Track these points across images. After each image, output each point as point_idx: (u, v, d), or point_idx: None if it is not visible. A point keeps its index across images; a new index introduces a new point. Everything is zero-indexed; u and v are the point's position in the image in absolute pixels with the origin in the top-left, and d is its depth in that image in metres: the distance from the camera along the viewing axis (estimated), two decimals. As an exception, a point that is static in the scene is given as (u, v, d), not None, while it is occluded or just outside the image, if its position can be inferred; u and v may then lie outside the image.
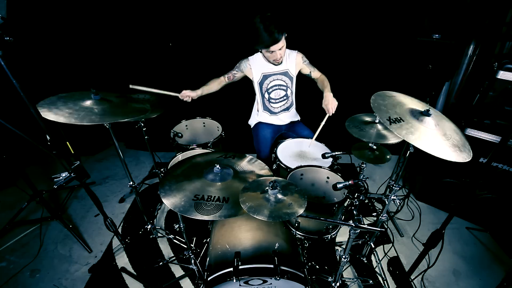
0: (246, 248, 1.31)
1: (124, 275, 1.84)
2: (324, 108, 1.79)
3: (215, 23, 2.50)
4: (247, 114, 2.33)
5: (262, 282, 1.24)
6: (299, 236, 1.50)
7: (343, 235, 2.11)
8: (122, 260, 1.95)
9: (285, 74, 2.02)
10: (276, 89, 2.05)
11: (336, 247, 2.01)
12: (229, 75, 2.01)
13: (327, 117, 1.78)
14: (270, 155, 2.03)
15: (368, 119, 1.74)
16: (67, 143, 1.38)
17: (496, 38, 2.26)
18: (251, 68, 1.98)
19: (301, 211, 0.99)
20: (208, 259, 1.38)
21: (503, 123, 1.93)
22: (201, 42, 2.58)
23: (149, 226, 2.01)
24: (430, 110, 1.18)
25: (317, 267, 1.79)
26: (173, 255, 1.98)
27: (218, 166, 1.25)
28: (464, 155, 1.09)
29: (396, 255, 2.00)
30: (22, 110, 1.19)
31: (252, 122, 2.28)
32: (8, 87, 1.05)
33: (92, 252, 2.02)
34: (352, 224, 1.09)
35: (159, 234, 2.13)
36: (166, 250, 2.02)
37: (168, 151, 3.14)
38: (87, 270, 1.88)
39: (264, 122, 2.18)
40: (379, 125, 1.66)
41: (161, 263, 1.89)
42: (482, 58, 2.32)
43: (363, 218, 2.31)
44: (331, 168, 1.63)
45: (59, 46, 2.68)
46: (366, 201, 2.49)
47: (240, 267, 1.21)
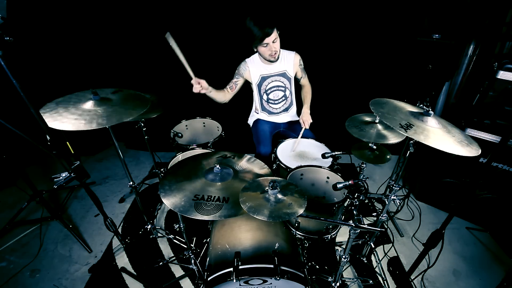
0: (246, 248, 1.31)
1: (124, 275, 1.84)
2: (300, 121, 1.99)
3: (215, 23, 2.50)
4: (247, 114, 2.34)
5: (262, 282, 1.24)
6: (299, 236, 1.50)
7: (343, 235, 2.11)
8: (122, 260, 1.95)
9: (283, 75, 2.02)
10: (275, 90, 2.06)
11: (336, 247, 2.01)
12: (231, 85, 2.01)
13: (303, 130, 1.95)
14: (270, 150, 2.02)
15: (368, 119, 1.74)
16: (67, 143, 1.37)
17: (496, 38, 2.26)
18: (250, 70, 1.99)
19: (301, 211, 0.99)
20: (208, 259, 1.38)
21: (503, 123, 1.93)
22: (201, 42, 2.58)
23: (149, 226, 2.01)
24: (429, 110, 1.18)
25: (317, 267, 1.79)
26: (173, 255, 1.98)
27: (218, 166, 1.25)
28: (474, 147, 1.11)
29: (396, 255, 2.00)
30: (22, 110, 1.19)
31: (251, 121, 2.29)
32: (8, 87, 1.05)
33: (92, 252, 2.02)
34: (352, 224, 1.09)
35: (159, 234, 2.13)
36: (166, 250, 2.02)
37: (168, 151, 3.14)
38: (87, 270, 1.88)
39: (263, 119, 2.20)
40: (379, 125, 1.66)
41: (161, 263, 1.89)
42: (482, 58, 2.32)
43: (363, 218, 2.31)
44: (331, 168, 1.63)
45: (58, 46, 2.68)
46: (366, 201, 2.49)
47: (240, 267, 1.21)
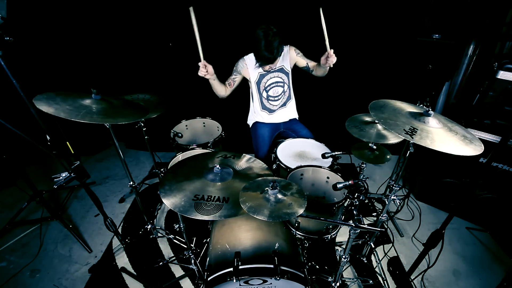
0: (246, 248, 1.31)
1: (124, 275, 1.84)
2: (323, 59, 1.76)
3: (215, 23, 2.50)
4: (247, 114, 2.33)
5: (262, 282, 1.24)
6: (299, 236, 1.50)
7: (343, 235, 2.11)
8: (122, 260, 1.95)
9: (281, 70, 2.02)
10: (274, 86, 2.05)
11: (336, 247, 2.01)
12: (229, 82, 2.01)
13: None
14: (268, 154, 2.03)
15: (368, 119, 1.73)
16: (67, 143, 1.38)
17: (496, 38, 2.26)
18: (248, 67, 1.98)
19: (301, 211, 0.99)
20: (208, 259, 1.38)
21: (503, 123, 1.93)
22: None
23: (149, 226, 2.01)
24: (429, 110, 1.18)
25: (317, 267, 1.79)
26: (173, 255, 1.98)
27: (218, 166, 1.25)
28: (476, 143, 1.10)
29: (396, 255, 2.00)
30: (22, 110, 1.19)
31: (250, 122, 2.29)
32: (8, 87, 1.05)
33: (92, 252, 2.02)
34: (352, 224, 1.09)
35: (159, 234, 2.13)
36: (166, 250, 2.02)
37: (168, 151, 3.14)
38: (87, 270, 1.88)
39: (262, 122, 2.18)
40: (379, 125, 1.66)
41: (161, 263, 1.89)
42: (482, 58, 2.32)
43: (363, 218, 2.31)
44: (331, 168, 1.63)
45: (59, 46, 2.68)
46: (366, 201, 2.49)
47: (240, 267, 1.21)
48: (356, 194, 1.20)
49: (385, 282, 1.81)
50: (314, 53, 2.08)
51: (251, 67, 1.98)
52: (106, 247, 2.05)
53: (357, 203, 1.20)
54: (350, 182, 1.16)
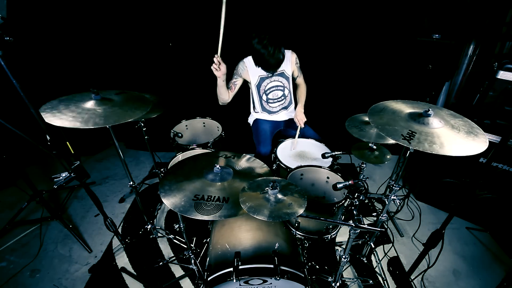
0: (246, 248, 1.31)
1: (124, 275, 1.84)
2: (295, 120, 2.00)
3: (215, 23, 2.50)
4: (247, 114, 2.34)
5: (262, 282, 1.24)
6: (299, 236, 1.50)
7: (343, 235, 2.11)
8: (122, 260, 1.95)
9: (281, 75, 2.02)
10: (274, 90, 2.05)
11: (336, 247, 2.01)
12: (230, 86, 2.00)
13: (299, 128, 1.97)
14: (270, 150, 2.02)
15: (368, 119, 1.73)
16: (67, 143, 1.37)
17: (496, 38, 2.26)
18: (248, 70, 1.98)
19: (301, 211, 0.99)
20: (208, 259, 1.38)
21: (503, 123, 1.93)
22: (201, 42, 2.58)
23: (149, 226, 2.01)
24: (429, 111, 1.17)
25: (317, 267, 1.79)
26: (173, 255, 1.98)
27: (218, 166, 1.25)
28: (482, 138, 1.09)
29: (396, 255, 2.00)
30: (22, 110, 1.19)
31: (251, 120, 2.30)
32: (8, 87, 1.05)
33: (92, 252, 2.02)
34: (352, 224, 1.09)
35: (159, 234, 2.13)
36: (166, 250, 2.02)
37: (168, 151, 3.14)
38: (87, 270, 1.88)
39: (263, 119, 2.20)
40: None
41: (161, 263, 1.89)
42: (482, 58, 2.32)
43: (363, 218, 2.31)
44: (331, 168, 1.63)
45: (59, 46, 2.68)
46: (366, 201, 2.49)
47: (240, 267, 1.21)
48: (356, 194, 1.21)
49: (385, 282, 1.81)
50: (320, 59, 2.09)
51: (251, 70, 1.98)
52: (106, 247, 2.05)
53: (357, 203, 1.20)
54: (350, 182, 1.17)
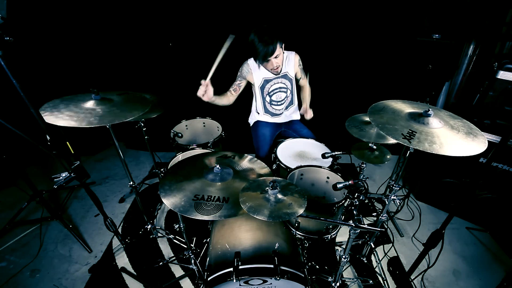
0: (246, 248, 1.31)
1: (124, 275, 1.84)
2: (303, 113, 2.05)
3: (215, 23, 2.50)
4: (247, 114, 2.33)
5: (262, 282, 1.24)
6: (299, 236, 1.50)
7: (343, 235, 2.11)
8: (122, 260, 1.95)
9: (284, 76, 2.02)
10: (278, 91, 2.05)
11: (336, 247, 2.01)
12: (234, 88, 1.99)
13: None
14: (269, 153, 2.04)
15: (368, 119, 1.74)
16: (67, 143, 1.37)
17: (496, 38, 2.26)
18: (252, 72, 1.98)
19: (301, 211, 0.99)
20: (208, 259, 1.38)
21: (503, 123, 1.93)
22: (201, 42, 2.58)
23: (149, 226, 2.01)
24: (429, 110, 1.17)
25: (317, 267, 1.79)
26: (173, 255, 1.98)
27: (218, 166, 1.25)
28: (481, 139, 1.09)
29: (396, 255, 2.00)
30: (22, 110, 1.19)
31: (251, 121, 2.29)
32: (8, 87, 1.05)
33: (92, 252, 2.02)
34: (352, 224, 1.09)
35: (159, 234, 2.13)
36: (166, 250, 2.02)
37: (168, 151, 3.14)
38: (87, 270, 1.88)
39: (263, 121, 2.19)
40: (378, 127, 1.66)
41: (161, 263, 1.89)
42: (482, 58, 2.32)
43: (363, 218, 2.31)
44: (331, 168, 1.63)
45: (59, 46, 2.68)
46: (366, 201, 2.49)
47: (240, 267, 1.21)
48: (356, 194, 1.20)
49: (385, 282, 1.81)
50: (320, 59, 2.08)
51: (255, 71, 1.97)
52: (106, 247, 2.05)
53: (357, 203, 1.20)
54: (350, 182, 1.16)
